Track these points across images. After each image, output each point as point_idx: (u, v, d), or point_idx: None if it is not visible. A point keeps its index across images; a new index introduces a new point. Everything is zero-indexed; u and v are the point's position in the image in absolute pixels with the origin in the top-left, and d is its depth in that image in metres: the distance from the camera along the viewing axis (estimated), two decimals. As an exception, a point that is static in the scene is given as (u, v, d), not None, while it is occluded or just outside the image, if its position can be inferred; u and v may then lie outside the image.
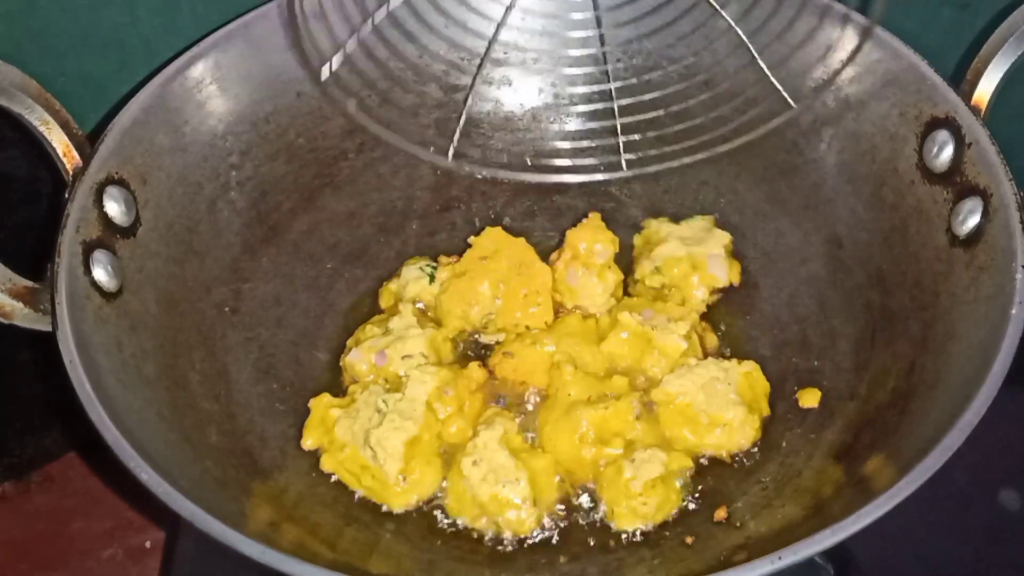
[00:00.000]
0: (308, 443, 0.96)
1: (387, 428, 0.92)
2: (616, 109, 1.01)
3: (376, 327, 1.01)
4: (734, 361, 0.97)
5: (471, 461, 0.91)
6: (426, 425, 0.93)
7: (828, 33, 1.01)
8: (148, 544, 1.15)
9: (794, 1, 1.00)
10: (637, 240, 1.08)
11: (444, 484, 0.93)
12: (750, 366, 0.97)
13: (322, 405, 0.97)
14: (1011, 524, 1.03)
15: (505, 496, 0.89)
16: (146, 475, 0.76)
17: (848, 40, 1.00)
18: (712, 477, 0.93)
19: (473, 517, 0.91)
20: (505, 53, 1.10)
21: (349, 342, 1.02)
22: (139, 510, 1.17)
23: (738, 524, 0.89)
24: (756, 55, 0.98)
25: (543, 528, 0.91)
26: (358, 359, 0.99)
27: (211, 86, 1.01)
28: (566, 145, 1.11)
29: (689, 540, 0.88)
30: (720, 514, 0.90)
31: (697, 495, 0.92)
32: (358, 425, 0.94)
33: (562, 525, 0.91)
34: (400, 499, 0.92)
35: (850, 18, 0.99)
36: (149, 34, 1.06)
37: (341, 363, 1.01)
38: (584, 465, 0.93)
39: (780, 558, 0.71)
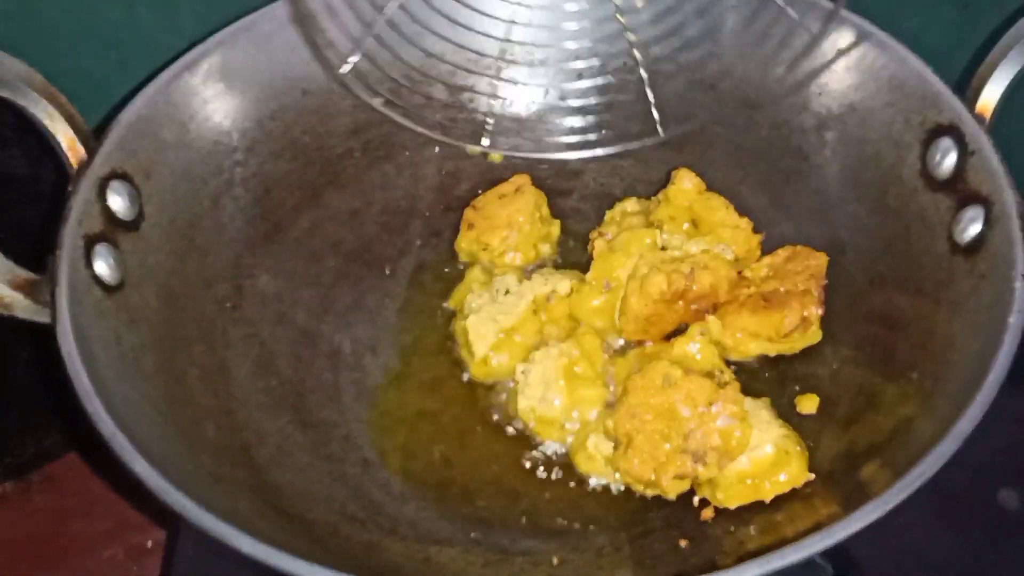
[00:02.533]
0: None
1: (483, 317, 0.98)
2: (645, 75, 1.03)
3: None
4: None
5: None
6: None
7: None
8: (149, 544, 1.16)
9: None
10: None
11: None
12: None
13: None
14: (1010, 524, 1.02)
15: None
16: (140, 467, 0.76)
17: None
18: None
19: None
20: (512, 53, 1.10)
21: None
22: (140, 509, 1.17)
23: (731, 528, 0.88)
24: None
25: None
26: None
27: (217, 83, 1.01)
28: (588, 121, 1.10)
29: (683, 543, 0.88)
30: (707, 513, 0.90)
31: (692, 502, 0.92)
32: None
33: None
34: (479, 370, 0.99)
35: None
36: (149, 34, 1.06)
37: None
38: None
39: (768, 562, 0.71)
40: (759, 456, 0.89)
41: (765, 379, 0.98)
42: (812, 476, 0.88)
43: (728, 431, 0.88)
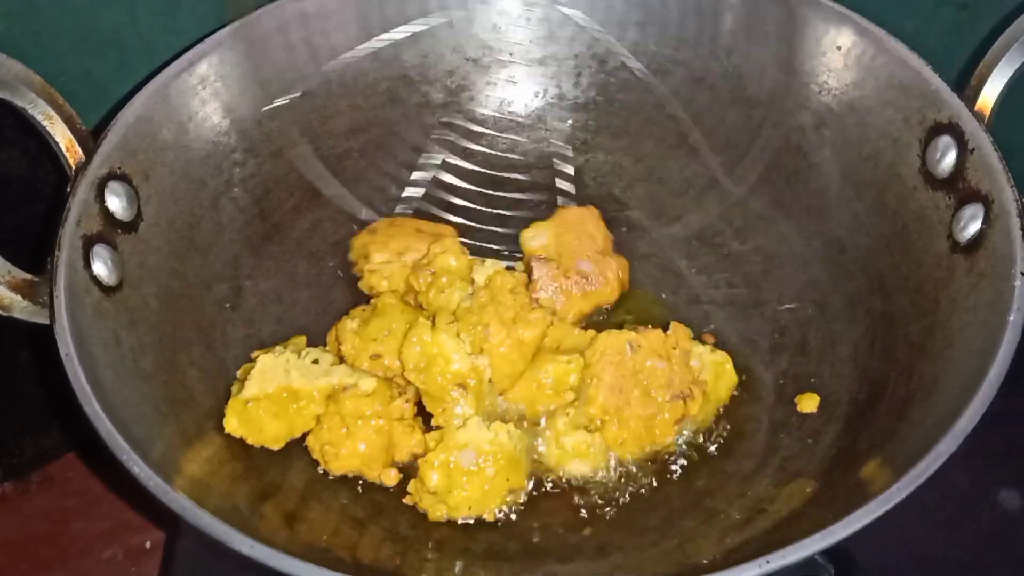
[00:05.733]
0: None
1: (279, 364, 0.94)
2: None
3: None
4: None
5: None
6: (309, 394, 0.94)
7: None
8: (148, 544, 1.15)
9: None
10: None
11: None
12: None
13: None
14: (1011, 524, 1.02)
15: None
16: (138, 468, 0.76)
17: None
18: (708, 481, 0.93)
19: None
20: (511, 54, 1.10)
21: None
22: (139, 510, 1.17)
23: (731, 528, 0.88)
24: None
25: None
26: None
27: (215, 83, 1.01)
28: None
29: (678, 542, 0.88)
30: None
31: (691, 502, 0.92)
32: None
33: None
34: (229, 421, 0.93)
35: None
36: (149, 34, 1.06)
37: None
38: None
39: (768, 562, 0.71)
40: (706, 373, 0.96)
41: (766, 377, 0.99)
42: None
43: (689, 361, 0.95)
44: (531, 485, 0.93)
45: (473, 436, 0.91)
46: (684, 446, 0.95)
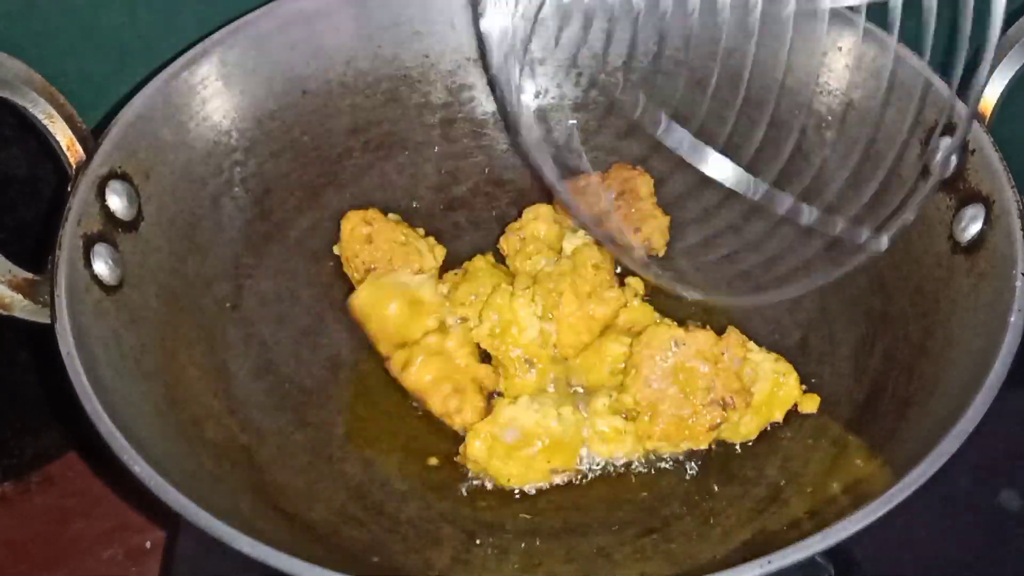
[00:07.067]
0: None
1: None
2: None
3: None
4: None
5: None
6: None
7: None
8: (148, 544, 1.15)
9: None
10: None
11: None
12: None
13: None
14: (1011, 524, 1.02)
15: None
16: (139, 467, 0.76)
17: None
18: (709, 481, 0.93)
19: None
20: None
21: None
22: (139, 510, 1.17)
23: (732, 528, 0.88)
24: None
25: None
26: None
27: (216, 82, 1.01)
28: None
29: (679, 542, 0.88)
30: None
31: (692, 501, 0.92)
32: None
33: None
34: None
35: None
36: (149, 34, 1.06)
37: None
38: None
39: (770, 562, 0.71)
40: (762, 384, 0.95)
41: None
42: (803, 388, 0.96)
43: (741, 370, 0.93)
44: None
45: (520, 415, 0.92)
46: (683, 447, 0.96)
